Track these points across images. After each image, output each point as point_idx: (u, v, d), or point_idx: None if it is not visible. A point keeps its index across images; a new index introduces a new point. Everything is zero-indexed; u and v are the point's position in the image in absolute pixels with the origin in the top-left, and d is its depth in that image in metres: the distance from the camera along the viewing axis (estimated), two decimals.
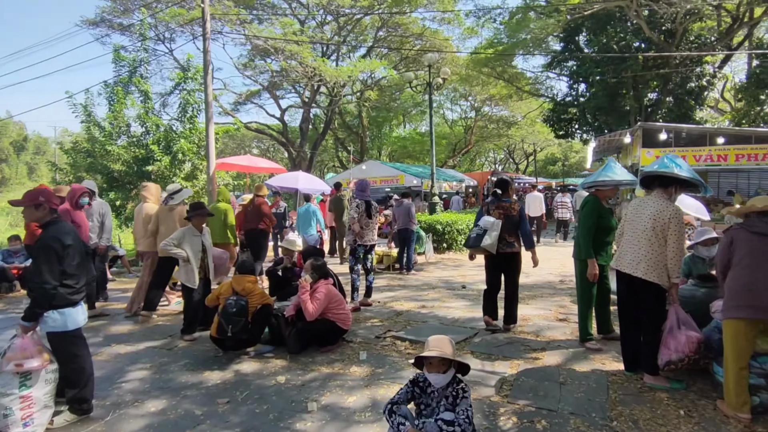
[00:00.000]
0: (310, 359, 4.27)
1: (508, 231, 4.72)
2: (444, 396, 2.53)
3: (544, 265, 9.03)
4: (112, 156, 15.37)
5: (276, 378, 3.87)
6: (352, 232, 5.66)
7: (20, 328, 3.12)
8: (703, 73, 19.57)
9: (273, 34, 19.39)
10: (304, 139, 31.08)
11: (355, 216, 5.59)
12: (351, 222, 5.65)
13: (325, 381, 3.79)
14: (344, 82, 23.86)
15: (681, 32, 17.98)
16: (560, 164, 50.34)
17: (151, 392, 3.68)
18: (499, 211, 4.76)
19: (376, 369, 3.99)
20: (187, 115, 15.94)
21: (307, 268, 4.42)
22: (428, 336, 4.58)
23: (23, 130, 49.81)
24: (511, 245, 4.74)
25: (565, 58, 22.78)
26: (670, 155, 4.26)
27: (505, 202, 4.81)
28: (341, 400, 3.45)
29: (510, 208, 4.78)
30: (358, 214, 5.61)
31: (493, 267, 4.87)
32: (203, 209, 4.90)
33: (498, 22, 27.31)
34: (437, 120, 45.75)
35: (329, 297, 4.39)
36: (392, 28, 26.32)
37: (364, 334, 4.87)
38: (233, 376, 3.94)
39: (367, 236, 5.73)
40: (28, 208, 3.23)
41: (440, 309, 5.91)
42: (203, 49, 11.93)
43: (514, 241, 4.77)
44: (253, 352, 4.40)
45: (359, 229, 5.62)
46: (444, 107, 43.11)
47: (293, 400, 3.46)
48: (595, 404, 3.23)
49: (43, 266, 3.08)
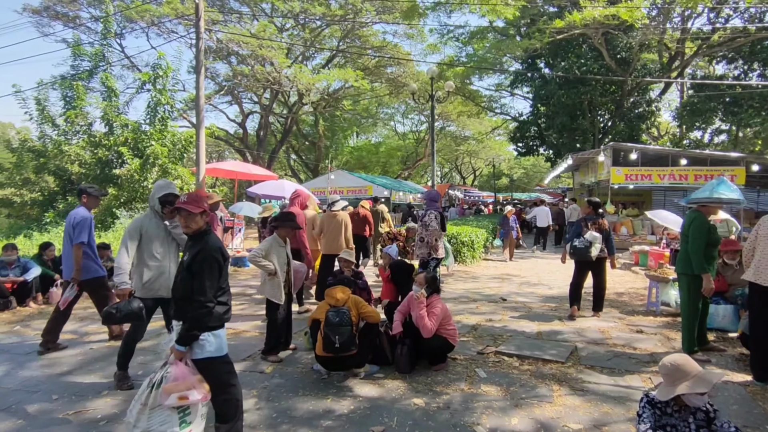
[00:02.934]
0: (427, 378, 4.03)
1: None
2: (691, 413, 2.46)
3: (557, 276, 9.36)
4: (68, 156, 13.88)
5: (412, 401, 3.60)
6: (426, 245, 5.49)
7: (174, 353, 2.66)
8: (651, 100, 21.50)
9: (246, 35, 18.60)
10: (261, 146, 30.07)
11: (436, 228, 5.43)
12: (430, 236, 5.48)
13: (466, 402, 3.58)
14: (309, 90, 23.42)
15: (636, 61, 19.61)
16: (506, 179, 52.61)
17: (283, 423, 3.27)
18: (595, 226, 5.83)
19: (509, 387, 3.84)
20: (158, 115, 14.83)
21: (421, 281, 4.18)
22: (530, 350, 4.58)
23: None
24: (602, 252, 5.89)
25: (528, 78, 24.03)
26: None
27: (599, 218, 5.91)
28: (504, 422, 3.27)
29: (602, 224, 5.88)
30: (437, 226, 5.46)
31: (584, 269, 6.00)
32: (293, 221, 4.51)
33: (459, 41, 28.31)
34: (386, 132, 46.32)
35: (444, 312, 4.19)
36: (350, 40, 26.32)
37: (459, 350, 4.70)
38: (363, 401, 3.61)
39: (439, 249, 5.59)
40: (190, 215, 2.76)
41: (506, 322, 5.87)
42: (196, 48, 11.16)
43: (603, 248, 5.89)
44: (363, 373, 4.08)
45: (434, 242, 5.47)
46: (395, 119, 43.64)
47: (454, 425, 3.23)
48: (755, 416, 3.33)
49: (206, 281, 2.66)
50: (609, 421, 3.27)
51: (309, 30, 24.73)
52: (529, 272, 10.13)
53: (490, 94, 32.16)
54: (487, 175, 53.33)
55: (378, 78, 29.26)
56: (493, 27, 25.49)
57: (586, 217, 6.13)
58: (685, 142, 21.33)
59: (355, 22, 23.02)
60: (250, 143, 30.12)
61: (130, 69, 22.83)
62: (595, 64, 19.86)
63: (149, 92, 14.94)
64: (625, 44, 19.69)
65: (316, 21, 22.66)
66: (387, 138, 45.73)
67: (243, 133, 29.63)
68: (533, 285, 8.64)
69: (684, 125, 21.82)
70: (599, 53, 19.87)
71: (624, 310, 6.51)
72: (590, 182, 19.09)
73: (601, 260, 5.88)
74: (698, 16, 20.33)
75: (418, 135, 42.07)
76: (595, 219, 5.93)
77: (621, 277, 9.52)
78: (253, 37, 17.85)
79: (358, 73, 20.79)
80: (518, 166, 49.69)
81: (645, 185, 15.55)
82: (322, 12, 20.55)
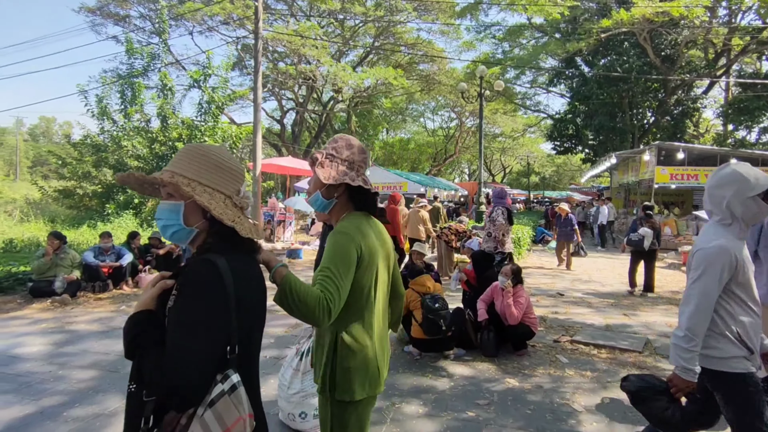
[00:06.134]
0: (513, 362, 4.34)
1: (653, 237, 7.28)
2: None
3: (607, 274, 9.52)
4: (128, 151, 14.65)
5: (506, 380, 3.93)
6: (494, 240, 5.78)
7: None
8: (696, 97, 21.08)
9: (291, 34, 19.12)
10: (296, 141, 30.78)
11: (503, 222, 5.73)
12: (495, 230, 5.78)
13: (556, 383, 3.89)
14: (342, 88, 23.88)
15: (684, 57, 19.27)
16: (535, 177, 52.05)
17: (393, 395, 3.64)
18: (648, 224, 7.32)
19: (593, 372, 4.13)
20: (209, 112, 15.49)
21: (507, 272, 4.49)
22: (603, 340, 4.84)
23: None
24: (654, 245, 7.30)
25: (566, 76, 23.86)
26: None
27: (650, 219, 7.39)
28: (597, 401, 3.56)
29: (653, 223, 7.40)
30: (504, 221, 5.75)
31: (637, 258, 7.54)
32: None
33: (495, 38, 28.24)
34: (416, 128, 46.47)
35: (527, 302, 4.49)
36: (384, 37, 26.62)
37: (535, 339, 4.97)
38: (459, 379, 3.96)
39: (507, 243, 5.87)
40: None
41: (570, 315, 6.12)
42: (255, 49, 11.68)
43: (654, 241, 7.27)
44: (452, 355, 4.42)
45: (501, 237, 5.76)
46: (425, 116, 43.71)
47: (550, 401, 3.55)
48: None
49: None
50: None
51: (347, 28, 25.16)
52: (578, 269, 10.27)
53: (524, 91, 31.96)
54: (516, 172, 52.94)
55: (410, 75, 29.49)
56: (531, 24, 25.35)
57: (640, 217, 7.65)
58: (730, 140, 20.85)
59: (394, 22, 23.32)
60: (286, 139, 30.81)
61: (175, 66, 23.77)
62: (638, 61, 19.61)
63: (198, 89, 15.65)
64: (670, 41, 19.39)
65: (356, 19, 23.01)
66: (416, 134, 45.87)
67: (281, 128, 30.34)
68: (585, 282, 8.81)
69: (730, 123, 21.35)
70: (642, 50, 19.61)
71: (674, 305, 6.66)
72: (630, 181, 18.93)
73: (652, 251, 7.31)
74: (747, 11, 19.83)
75: (447, 132, 42.07)
76: (647, 218, 7.38)
77: (671, 276, 9.60)
78: (297, 36, 18.35)
79: (398, 71, 21.07)
80: (550, 164, 49.11)
81: (689, 185, 15.40)
82: (363, 12, 20.92)
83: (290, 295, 1.44)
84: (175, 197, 1.26)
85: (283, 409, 3.05)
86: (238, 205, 1.31)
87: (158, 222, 1.29)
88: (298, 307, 1.44)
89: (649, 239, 7.20)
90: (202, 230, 1.28)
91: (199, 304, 1.12)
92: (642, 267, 7.61)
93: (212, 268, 1.16)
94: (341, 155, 1.71)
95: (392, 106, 36.72)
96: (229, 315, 1.15)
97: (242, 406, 1.13)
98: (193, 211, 1.26)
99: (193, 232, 1.28)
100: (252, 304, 1.26)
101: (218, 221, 1.23)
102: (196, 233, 1.28)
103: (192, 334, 1.09)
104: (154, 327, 1.15)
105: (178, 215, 1.25)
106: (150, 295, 1.20)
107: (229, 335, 1.16)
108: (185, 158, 1.28)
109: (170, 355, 1.07)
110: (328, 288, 1.50)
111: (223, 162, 1.30)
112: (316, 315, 1.45)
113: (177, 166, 1.26)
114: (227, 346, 1.16)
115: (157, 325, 1.16)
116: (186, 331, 1.10)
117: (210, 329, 1.12)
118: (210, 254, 1.20)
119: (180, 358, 1.07)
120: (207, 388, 1.11)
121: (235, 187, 1.32)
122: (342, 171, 1.68)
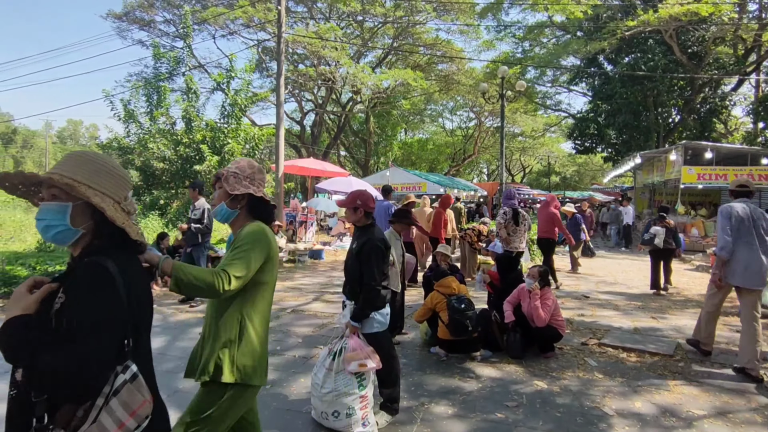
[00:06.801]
0: (541, 364, 4.33)
1: (668, 236, 7.72)
2: None
3: (632, 276, 9.37)
4: (153, 153, 14.99)
5: (534, 383, 3.92)
6: (500, 238, 5.79)
7: (350, 328, 3.10)
8: (724, 94, 20.52)
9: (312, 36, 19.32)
10: (315, 142, 31.05)
11: (501, 222, 5.74)
12: (498, 228, 5.79)
13: (585, 386, 3.86)
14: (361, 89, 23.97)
15: (712, 54, 18.78)
16: (555, 177, 51.36)
17: (422, 395, 3.67)
18: (663, 223, 7.69)
19: (623, 375, 4.09)
20: (232, 114, 15.75)
21: (534, 275, 4.49)
22: (632, 344, 4.78)
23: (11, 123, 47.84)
24: (670, 244, 7.72)
25: (588, 75, 23.49)
26: None
27: (663, 219, 7.74)
28: (628, 405, 3.53)
29: (667, 223, 7.70)
30: (504, 221, 5.75)
31: (657, 258, 7.80)
32: (409, 218, 4.92)
33: (515, 37, 27.97)
34: (434, 128, 46.34)
35: (555, 304, 4.47)
36: (403, 37, 26.62)
37: (562, 341, 4.94)
38: (487, 381, 3.97)
39: (514, 242, 5.83)
40: (348, 209, 3.24)
41: (596, 317, 6.06)
42: (277, 51, 11.85)
43: (672, 241, 7.73)
44: (479, 357, 4.43)
45: (506, 236, 5.75)
46: (443, 116, 43.53)
47: (580, 404, 3.53)
48: None
49: (374, 267, 3.08)
50: (732, 410, 3.46)
51: (366, 29, 25.27)
52: (602, 271, 10.14)
53: (545, 90, 31.58)
54: (536, 172, 52.32)
55: (429, 75, 29.41)
56: (552, 21, 25.04)
57: (654, 218, 8.12)
58: (760, 139, 20.22)
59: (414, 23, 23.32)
60: (305, 140, 31.11)
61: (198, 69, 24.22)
62: (664, 59, 19.18)
63: (221, 92, 15.92)
64: (697, 38, 18.93)
65: (377, 20, 23.09)
66: (435, 134, 45.74)
67: (301, 129, 30.63)
68: (610, 284, 8.69)
69: (760, 122, 20.70)
70: (668, 48, 19.18)
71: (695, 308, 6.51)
72: (655, 181, 18.53)
73: (668, 250, 7.76)
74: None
75: (466, 131, 41.84)
76: (660, 219, 7.84)
77: (700, 278, 9.38)
78: (317, 38, 18.52)
79: (418, 73, 21.08)
80: (571, 163, 48.39)
81: (717, 185, 15.00)
82: (383, 12, 20.98)
83: (185, 277, 1.63)
84: (62, 198, 1.29)
85: (316, 407, 3.11)
86: (125, 210, 1.38)
87: (39, 223, 1.29)
88: (196, 284, 1.65)
89: (661, 237, 7.57)
90: (87, 232, 1.32)
91: (97, 303, 1.21)
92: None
93: (104, 270, 1.24)
94: (244, 173, 1.98)
95: (411, 106, 36.73)
96: (123, 312, 1.25)
97: (144, 390, 1.26)
98: (80, 212, 1.30)
99: (78, 233, 1.31)
100: (141, 299, 1.35)
101: (106, 223, 1.29)
102: (80, 234, 1.32)
103: (94, 331, 1.18)
104: (41, 330, 1.21)
105: (65, 216, 1.28)
106: (34, 299, 1.24)
107: (125, 330, 1.26)
108: (72, 163, 1.33)
109: (74, 353, 1.15)
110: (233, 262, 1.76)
111: (112, 169, 1.38)
112: (216, 284, 1.67)
113: (64, 169, 1.29)
114: (125, 340, 1.27)
115: (43, 328, 1.22)
116: (89, 329, 1.18)
117: (109, 326, 1.22)
118: (98, 256, 1.26)
119: (84, 354, 1.16)
120: (106, 379, 1.22)
121: (122, 193, 1.39)
122: (245, 185, 1.96)
